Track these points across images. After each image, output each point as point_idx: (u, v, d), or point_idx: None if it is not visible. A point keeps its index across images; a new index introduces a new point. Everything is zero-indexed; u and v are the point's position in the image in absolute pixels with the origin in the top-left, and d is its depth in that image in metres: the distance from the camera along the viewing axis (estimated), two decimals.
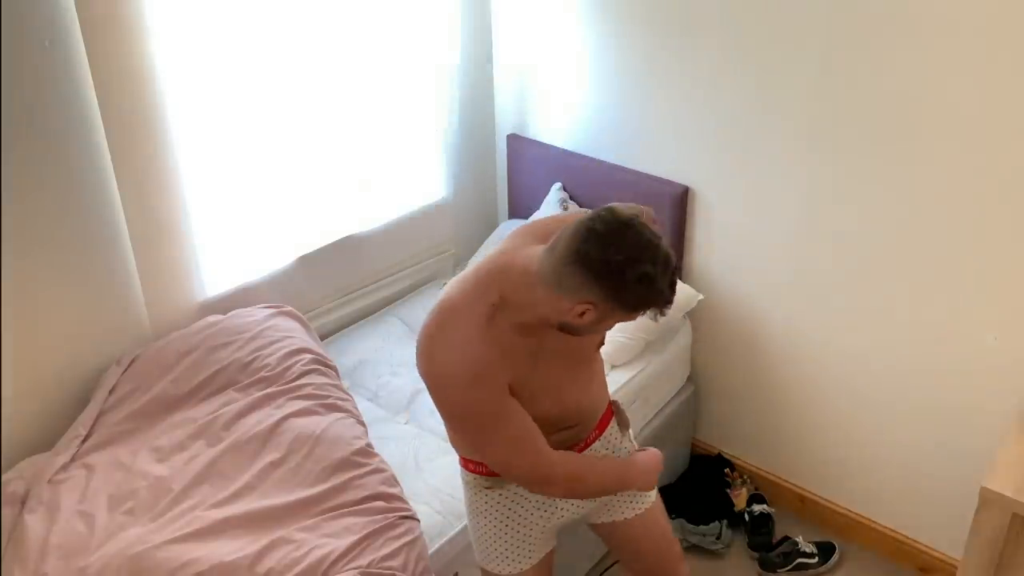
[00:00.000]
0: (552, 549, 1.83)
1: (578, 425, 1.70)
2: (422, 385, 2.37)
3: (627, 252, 1.33)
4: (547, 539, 1.80)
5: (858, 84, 2.16)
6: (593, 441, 1.74)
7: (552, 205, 2.84)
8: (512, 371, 1.48)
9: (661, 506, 1.89)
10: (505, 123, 3.04)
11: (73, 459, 1.88)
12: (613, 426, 1.79)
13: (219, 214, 2.26)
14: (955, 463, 2.34)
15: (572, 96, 2.80)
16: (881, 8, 2.06)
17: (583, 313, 1.38)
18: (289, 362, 2.05)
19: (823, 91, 2.23)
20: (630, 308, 1.39)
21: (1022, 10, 1.87)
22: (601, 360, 1.76)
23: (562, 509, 1.75)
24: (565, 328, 1.45)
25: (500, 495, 1.70)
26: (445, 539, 1.94)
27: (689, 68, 2.47)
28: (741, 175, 2.48)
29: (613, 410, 1.79)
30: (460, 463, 1.73)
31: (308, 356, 2.08)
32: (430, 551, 1.85)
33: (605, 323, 1.46)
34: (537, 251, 1.43)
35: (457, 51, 2.77)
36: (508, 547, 1.74)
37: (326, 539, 1.68)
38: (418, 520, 1.81)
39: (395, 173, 2.72)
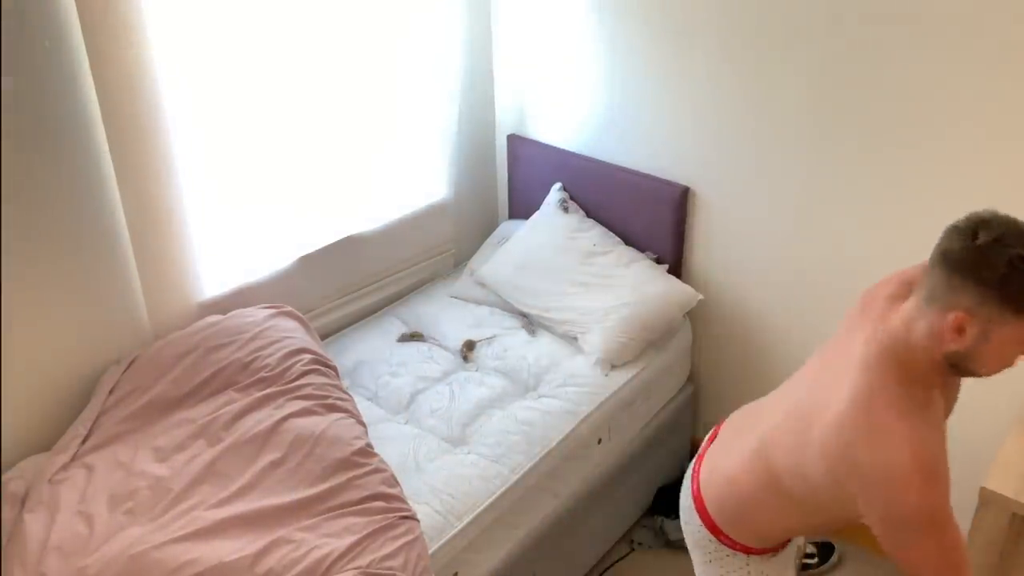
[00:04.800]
0: None
1: None
2: (422, 385, 2.43)
3: (993, 235, 1.19)
4: None
5: (858, 83, 2.16)
6: None
7: (552, 205, 2.84)
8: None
9: None
10: (505, 123, 3.04)
11: (73, 459, 1.88)
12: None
13: (219, 214, 2.26)
14: (955, 463, 2.31)
15: (572, 96, 2.80)
16: (880, 7, 2.06)
17: (961, 328, 1.23)
18: (289, 362, 2.05)
19: (823, 90, 2.23)
20: (1010, 301, 1.19)
21: (1022, 8, 1.87)
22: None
23: None
24: (957, 364, 1.30)
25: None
26: (445, 539, 1.94)
27: (689, 68, 2.47)
28: (741, 175, 2.48)
29: None
30: (724, 542, 1.67)
31: (308, 356, 2.08)
32: (430, 551, 1.85)
33: (995, 342, 1.25)
34: (907, 301, 1.34)
35: (457, 51, 2.77)
36: None
37: (326, 539, 1.68)
38: (418, 520, 1.81)
39: (395, 173, 2.72)
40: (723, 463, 1.70)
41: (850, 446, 1.34)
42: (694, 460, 1.81)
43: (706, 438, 1.84)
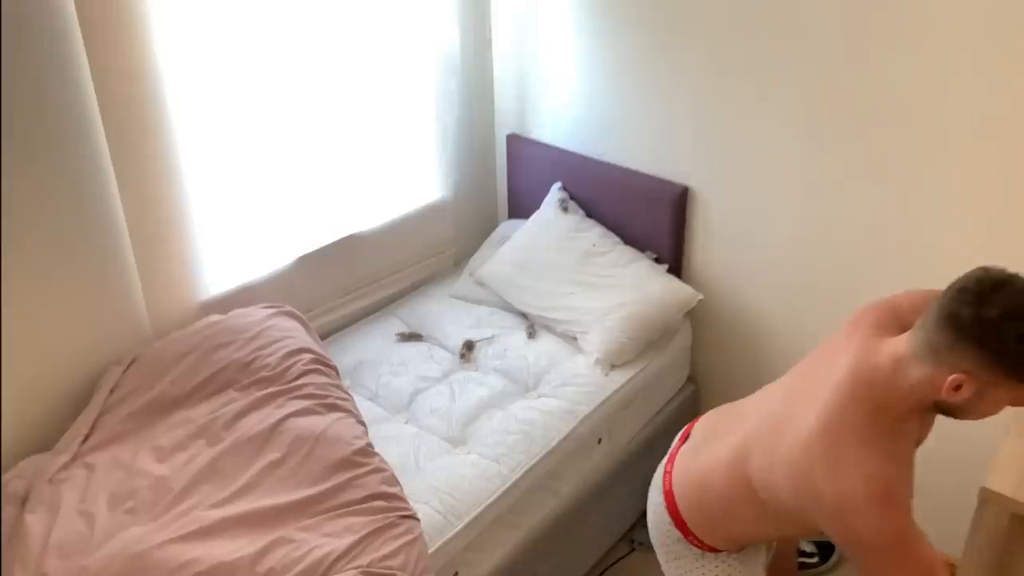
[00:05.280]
0: None
1: None
2: (422, 385, 2.43)
3: (1004, 308, 1.22)
4: None
5: (857, 81, 2.16)
6: None
7: (552, 205, 2.84)
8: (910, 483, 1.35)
9: None
10: (505, 123, 3.04)
11: (74, 459, 1.88)
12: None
13: (219, 214, 2.26)
14: (955, 463, 2.34)
15: (572, 96, 2.80)
16: (879, 5, 2.06)
17: (958, 387, 1.27)
18: (289, 362, 2.05)
19: (822, 89, 2.23)
20: (1015, 372, 1.24)
21: (1021, 7, 1.87)
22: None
23: None
24: (942, 408, 1.34)
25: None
26: (445, 539, 1.95)
27: (689, 68, 2.47)
28: (741, 175, 2.48)
29: None
30: (691, 542, 1.71)
31: (308, 356, 2.08)
32: (430, 551, 1.85)
33: (989, 400, 1.31)
34: (899, 338, 1.36)
35: (457, 51, 2.77)
36: None
37: (326, 539, 1.68)
38: (418, 520, 1.81)
39: (395, 173, 2.72)
40: (697, 463, 1.71)
41: (811, 470, 1.36)
42: (666, 458, 1.82)
43: (677, 437, 1.85)
